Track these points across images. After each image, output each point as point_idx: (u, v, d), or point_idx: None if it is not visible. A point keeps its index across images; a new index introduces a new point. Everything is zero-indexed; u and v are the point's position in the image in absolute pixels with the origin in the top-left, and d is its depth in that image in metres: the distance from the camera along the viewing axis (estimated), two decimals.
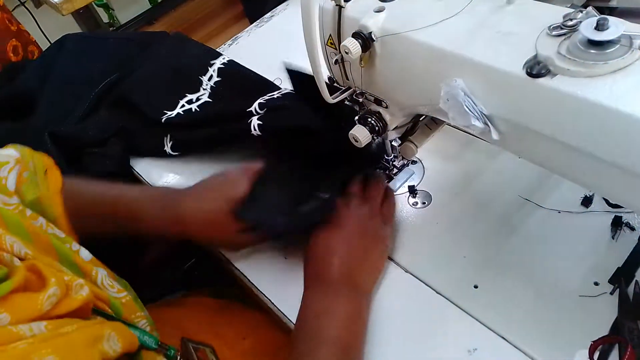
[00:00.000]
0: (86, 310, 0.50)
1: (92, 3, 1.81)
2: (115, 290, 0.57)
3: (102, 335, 0.47)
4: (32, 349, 0.39)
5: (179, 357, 0.57)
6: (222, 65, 0.94)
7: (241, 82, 0.91)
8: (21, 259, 0.47)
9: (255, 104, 0.81)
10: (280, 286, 0.70)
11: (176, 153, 0.88)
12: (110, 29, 2.09)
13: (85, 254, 0.58)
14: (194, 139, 0.86)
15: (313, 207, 0.69)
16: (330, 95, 0.60)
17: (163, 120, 0.87)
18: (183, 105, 0.89)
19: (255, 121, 0.78)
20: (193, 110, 0.88)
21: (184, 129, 0.87)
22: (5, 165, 0.61)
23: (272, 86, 0.89)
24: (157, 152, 0.89)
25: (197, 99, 0.90)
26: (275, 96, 0.83)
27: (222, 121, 0.84)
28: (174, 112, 0.88)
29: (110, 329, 0.48)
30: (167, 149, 0.87)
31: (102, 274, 0.57)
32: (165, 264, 0.83)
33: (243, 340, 0.71)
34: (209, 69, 0.94)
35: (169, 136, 0.88)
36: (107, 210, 0.71)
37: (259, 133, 0.78)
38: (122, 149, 0.90)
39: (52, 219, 0.61)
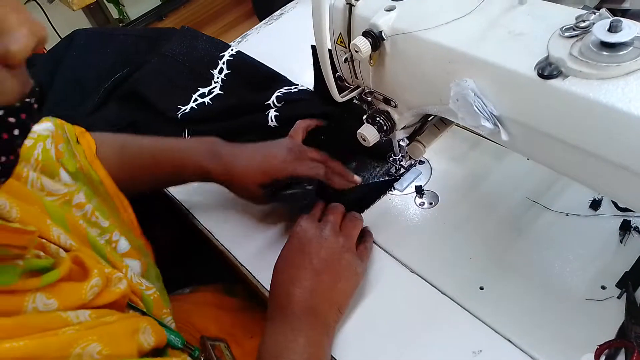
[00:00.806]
0: (122, 304, 0.52)
1: None
2: (144, 287, 0.59)
3: (139, 328, 0.49)
4: (79, 336, 0.41)
5: (202, 358, 0.58)
6: (230, 57, 0.95)
7: (251, 73, 0.93)
8: (66, 250, 0.50)
9: (273, 97, 0.83)
10: None
11: None
12: (120, 24, 2.10)
13: (123, 245, 0.61)
14: (210, 131, 0.86)
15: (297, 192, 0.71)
16: (339, 94, 0.60)
17: (179, 116, 0.88)
18: (196, 100, 0.90)
19: (272, 113, 0.80)
20: (206, 103, 0.89)
21: (200, 123, 0.88)
22: (47, 139, 0.62)
23: (280, 78, 0.89)
24: None
25: (210, 92, 0.91)
26: (292, 90, 0.85)
27: (240, 114, 0.84)
28: (188, 107, 0.89)
29: (145, 322, 0.51)
30: None
31: (132, 270, 0.58)
32: (172, 260, 0.83)
33: (251, 338, 0.72)
34: (219, 62, 0.95)
35: (186, 131, 0.88)
36: (154, 160, 0.74)
37: (276, 124, 0.80)
38: None
39: (97, 183, 0.65)
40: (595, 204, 0.67)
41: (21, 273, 0.42)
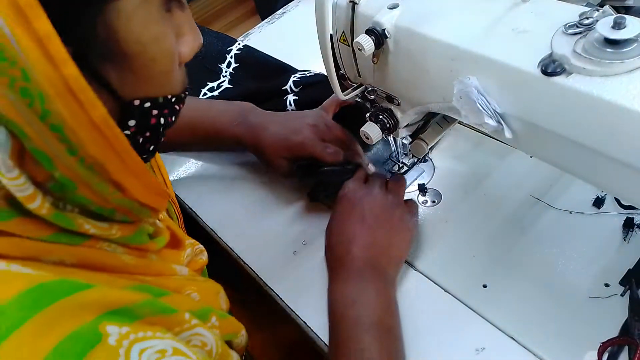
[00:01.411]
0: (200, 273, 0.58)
1: None
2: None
3: (219, 291, 0.57)
4: (184, 284, 0.49)
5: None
6: (238, 51, 0.96)
7: (259, 66, 0.93)
8: (158, 220, 0.54)
9: (290, 82, 0.83)
10: (289, 281, 0.70)
11: None
12: None
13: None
14: None
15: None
16: (342, 92, 0.60)
17: None
18: (205, 94, 0.91)
19: (291, 97, 0.81)
20: (215, 97, 0.89)
21: None
22: None
23: (290, 68, 0.89)
24: None
25: (219, 86, 0.91)
26: (307, 74, 0.85)
27: (256, 101, 0.84)
28: None
29: (221, 289, 0.57)
30: None
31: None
32: None
33: (258, 331, 0.72)
34: (227, 56, 0.95)
35: None
36: (190, 125, 0.77)
37: (295, 109, 0.81)
38: None
39: None
40: (598, 202, 0.67)
41: (147, 234, 0.47)
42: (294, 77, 0.84)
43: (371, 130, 0.63)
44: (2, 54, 0.30)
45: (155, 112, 0.42)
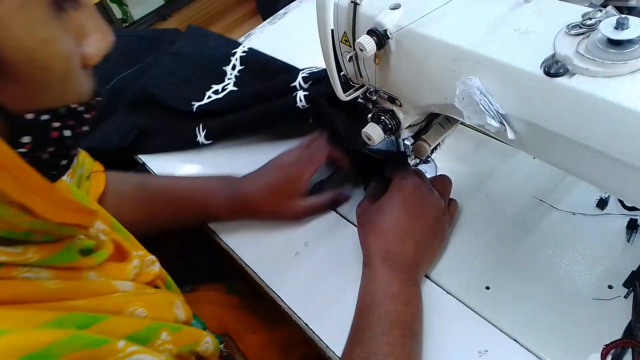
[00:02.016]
0: (153, 286, 0.55)
1: None
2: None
3: (173, 301, 0.54)
4: (127, 301, 0.46)
5: (222, 347, 0.60)
6: (243, 54, 0.95)
7: (264, 68, 0.92)
8: (103, 233, 0.52)
9: (299, 79, 0.82)
10: (290, 283, 0.69)
11: (209, 142, 0.88)
12: (124, 24, 2.10)
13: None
14: (229, 123, 0.86)
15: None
16: (344, 93, 0.60)
17: (194, 109, 0.87)
18: (210, 97, 0.90)
19: (300, 94, 0.79)
20: (220, 99, 0.89)
21: (217, 116, 0.87)
22: None
23: (297, 69, 0.89)
24: (189, 145, 0.89)
25: (223, 89, 0.90)
26: (315, 70, 0.84)
27: (264, 100, 0.83)
28: (202, 103, 0.88)
29: (176, 298, 0.55)
30: (200, 138, 0.87)
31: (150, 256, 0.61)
32: (176, 259, 0.83)
33: (253, 334, 0.72)
34: (231, 58, 0.95)
35: (200, 126, 0.88)
36: (175, 204, 0.76)
37: (305, 105, 0.79)
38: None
39: None
40: (602, 203, 0.67)
41: (78, 251, 0.45)
42: (303, 73, 0.83)
43: (373, 132, 0.63)
44: None
45: (56, 124, 0.37)
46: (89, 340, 0.38)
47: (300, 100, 0.79)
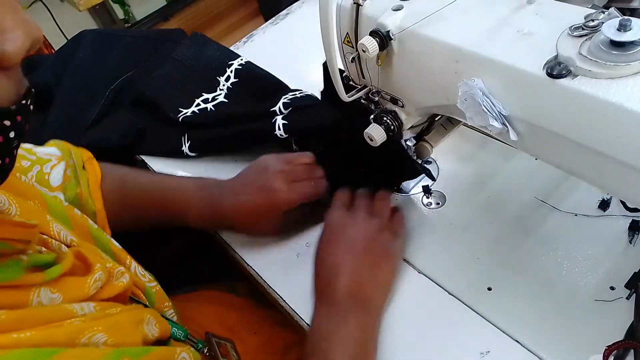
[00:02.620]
0: (125, 297, 0.53)
1: None
2: (147, 279, 0.60)
3: (142, 318, 0.50)
4: (85, 326, 0.42)
5: (205, 351, 0.58)
6: (239, 67, 0.95)
7: (257, 83, 0.91)
8: (67, 246, 0.50)
9: (280, 104, 0.81)
10: (292, 284, 0.69)
11: (194, 154, 0.87)
12: (126, 25, 2.11)
13: (116, 244, 0.61)
14: (211, 138, 0.86)
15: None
16: (346, 94, 0.60)
17: (180, 118, 0.87)
18: (198, 104, 0.89)
19: (280, 121, 0.79)
20: (208, 109, 0.88)
21: (202, 129, 0.87)
22: (47, 163, 0.63)
23: (288, 89, 0.89)
24: (176, 153, 0.88)
25: (213, 99, 0.90)
26: (298, 95, 0.83)
27: (245, 121, 0.83)
28: (189, 111, 0.88)
29: (148, 314, 0.52)
30: (185, 149, 0.87)
31: (134, 263, 0.59)
32: (178, 259, 0.83)
33: (254, 335, 0.72)
34: (227, 69, 0.94)
35: (186, 136, 0.88)
36: (154, 206, 0.74)
37: (283, 134, 0.78)
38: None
39: (90, 214, 0.65)
40: (604, 204, 0.67)
41: (25, 268, 0.42)
42: (285, 98, 0.82)
43: (375, 132, 0.63)
44: None
45: None
46: None
47: (279, 129, 0.78)
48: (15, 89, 0.35)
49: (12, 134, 0.35)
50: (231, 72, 0.94)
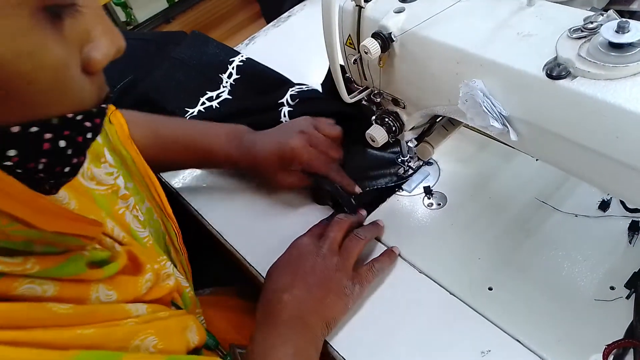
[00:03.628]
0: (168, 300, 0.54)
1: (111, 2, 1.83)
2: (184, 282, 0.60)
3: (187, 325, 0.51)
4: (140, 329, 0.44)
5: None
6: (240, 63, 0.96)
7: (260, 79, 0.93)
8: (119, 243, 0.51)
9: (287, 96, 0.84)
10: None
11: None
12: (128, 27, 2.11)
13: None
14: None
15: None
16: (348, 95, 0.60)
17: (187, 118, 0.88)
18: (203, 103, 0.91)
19: (285, 109, 0.81)
20: (214, 107, 0.89)
21: None
22: None
23: (290, 82, 0.90)
24: None
25: (217, 96, 0.91)
26: (304, 89, 0.85)
27: (252, 114, 0.85)
28: (196, 110, 0.89)
29: (192, 321, 0.52)
30: None
31: (170, 263, 0.59)
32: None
33: None
34: (229, 67, 0.95)
35: None
36: (185, 147, 0.78)
37: (288, 120, 0.81)
38: None
39: (130, 163, 0.65)
40: (604, 205, 0.67)
41: (86, 263, 0.43)
42: (292, 90, 0.84)
43: (377, 133, 0.64)
44: None
45: (48, 135, 0.34)
46: None
47: (285, 116, 0.81)
48: (97, 93, 0.38)
49: (89, 135, 0.38)
50: (233, 69, 0.95)
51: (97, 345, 0.40)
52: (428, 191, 0.76)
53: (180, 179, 0.88)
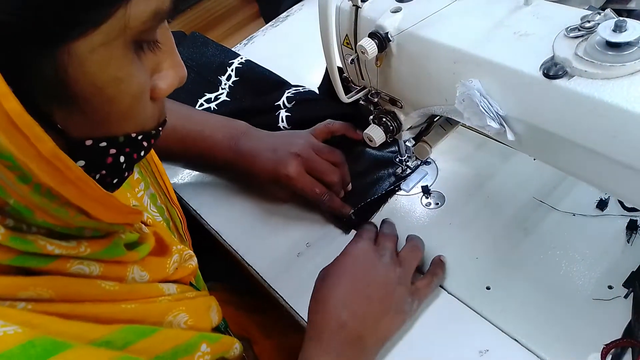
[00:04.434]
0: (187, 281, 0.55)
1: None
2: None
3: (210, 305, 0.54)
4: (173, 306, 0.47)
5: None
6: (239, 65, 0.96)
7: (258, 81, 0.92)
8: (145, 224, 0.53)
9: (284, 98, 0.84)
10: (292, 283, 0.70)
11: None
12: None
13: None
14: None
15: None
16: (345, 95, 0.60)
17: None
18: (202, 105, 0.90)
19: (283, 113, 0.81)
20: (212, 108, 0.89)
21: None
22: None
23: (290, 84, 0.90)
24: None
25: (216, 98, 0.91)
26: (301, 90, 0.85)
27: (249, 116, 0.84)
28: None
29: (213, 302, 0.55)
30: None
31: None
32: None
33: (268, 339, 0.72)
34: (227, 69, 0.95)
35: None
36: (183, 145, 0.78)
37: (287, 126, 0.81)
38: None
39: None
40: (602, 204, 0.67)
41: (123, 246, 0.45)
42: (288, 92, 0.84)
43: (374, 133, 0.64)
44: None
45: (113, 151, 0.39)
46: None
47: (283, 121, 0.80)
48: (157, 116, 0.42)
49: (142, 153, 0.42)
50: (232, 71, 0.95)
51: (138, 320, 0.42)
52: (426, 190, 0.76)
53: (179, 178, 0.88)
